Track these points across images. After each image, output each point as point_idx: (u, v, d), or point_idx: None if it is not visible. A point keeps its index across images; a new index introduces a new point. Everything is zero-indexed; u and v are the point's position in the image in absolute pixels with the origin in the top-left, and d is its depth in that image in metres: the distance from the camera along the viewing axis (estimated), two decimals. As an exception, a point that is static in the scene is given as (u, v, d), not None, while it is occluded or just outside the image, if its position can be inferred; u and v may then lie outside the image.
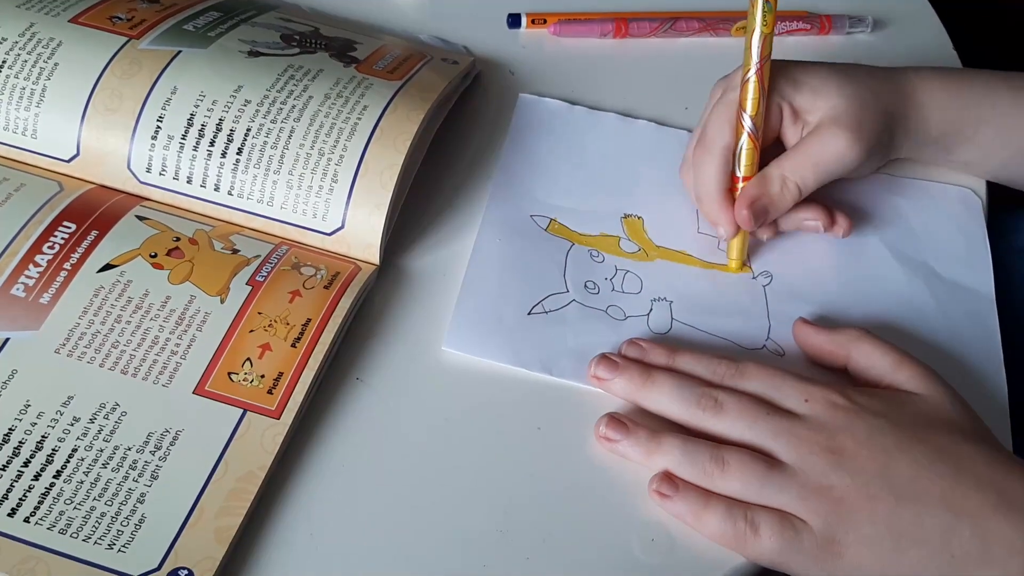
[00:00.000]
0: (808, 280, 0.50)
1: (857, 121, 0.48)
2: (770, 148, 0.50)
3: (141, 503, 0.38)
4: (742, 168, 0.48)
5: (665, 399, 0.42)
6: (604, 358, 0.44)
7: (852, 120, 0.48)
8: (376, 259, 0.47)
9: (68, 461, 0.39)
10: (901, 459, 0.39)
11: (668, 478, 0.40)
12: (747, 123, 0.48)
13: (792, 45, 0.62)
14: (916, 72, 0.51)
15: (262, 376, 0.42)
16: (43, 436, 0.40)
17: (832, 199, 0.52)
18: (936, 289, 0.50)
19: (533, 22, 0.61)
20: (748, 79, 0.47)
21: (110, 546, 0.37)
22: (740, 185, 0.49)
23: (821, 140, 0.48)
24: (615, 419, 0.42)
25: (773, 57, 0.48)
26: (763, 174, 0.48)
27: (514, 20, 0.61)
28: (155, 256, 0.45)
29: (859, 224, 0.52)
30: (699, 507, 0.40)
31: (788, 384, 0.42)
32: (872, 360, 0.44)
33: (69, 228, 0.45)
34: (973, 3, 0.85)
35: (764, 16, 0.47)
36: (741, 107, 0.48)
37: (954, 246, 0.52)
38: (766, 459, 0.40)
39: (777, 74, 0.49)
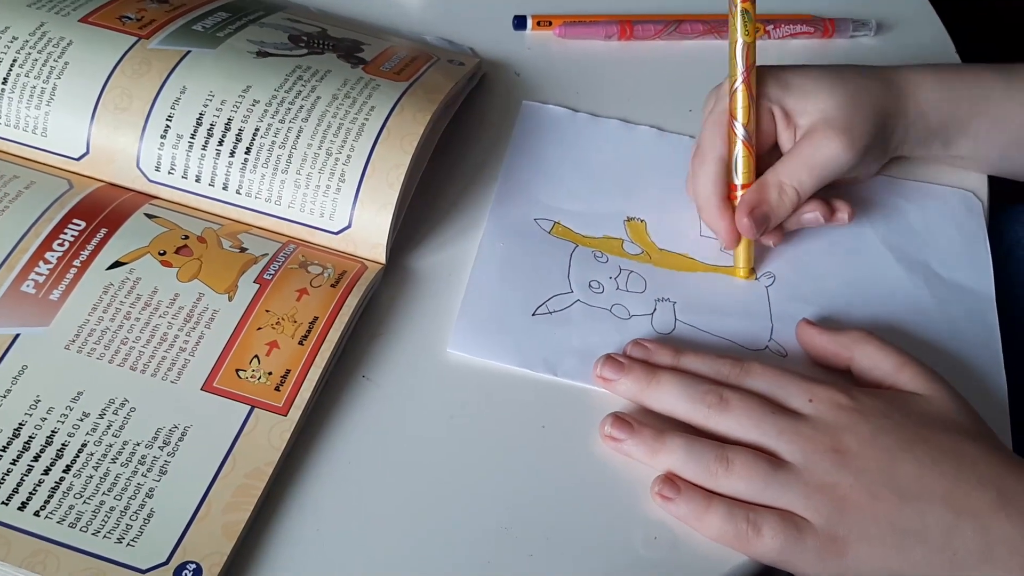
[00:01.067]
0: (810, 281, 0.50)
1: (849, 122, 0.48)
2: (766, 155, 0.50)
3: (150, 498, 0.39)
4: (740, 176, 0.49)
5: (670, 398, 0.43)
6: (609, 358, 0.45)
7: (844, 121, 0.48)
8: (382, 258, 0.47)
9: (78, 456, 0.39)
10: (904, 459, 0.40)
11: (670, 480, 0.41)
12: (739, 131, 0.48)
13: (796, 48, 0.63)
14: (909, 69, 0.51)
15: (270, 373, 0.42)
16: (53, 431, 0.40)
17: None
18: (937, 290, 0.50)
19: (538, 24, 0.62)
20: (736, 88, 0.48)
21: (119, 540, 0.37)
22: (739, 193, 0.49)
23: (814, 144, 0.48)
24: (620, 418, 0.43)
25: (768, 62, 0.48)
26: (761, 181, 0.49)
27: (519, 22, 0.62)
28: (164, 254, 0.45)
29: (861, 225, 0.53)
30: (701, 509, 0.40)
31: (792, 384, 0.42)
32: (875, 361, 0.44)
33: (79, 226, 0.46)
34: (974, 5, 0.85)
35: (745, 26, 0.47)
36: (732, 116, 0.48)
37: (955, 247, 0.52)
38: (770, 459, 0.40)
39: (767, 79, 0.49)
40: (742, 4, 0.47)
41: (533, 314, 0.47)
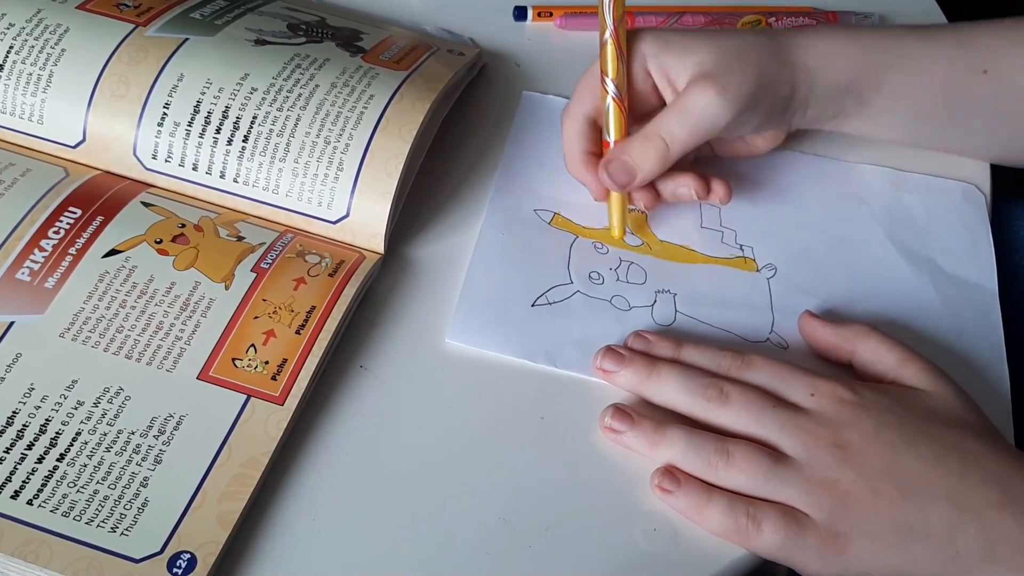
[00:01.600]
0: (812, 274, 0.50)
1: (727, 72, 0.46)
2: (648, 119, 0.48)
3: (144, 487, 0.38)
4: (611, 133, 0.48)
5: (670, 390, 0.42)
6: (609, 350, 0.44)
7: (721, 71, 0.46)
8: (381, 248, 0.47)
9: (72, 444, 0.39)
10: (907, 455, 0.39)
11: (669, 473, 0.40)
12: (610, 88, 0.47)
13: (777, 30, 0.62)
14: (815, 29, 0.50)
15: (266, 362, 0.42)
16: (47, 419, 0.40)
17: (832, 190, 0.52)
18: (940, 283, 0.50)
19: (539, 15, 0.61)
20: (605, 42, 0.47)
21: (113, 529, 0.37)
22: (610, 149, 0.48)
23: (688, 94, 0.46)
24: (620, 410, 0.42)
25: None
26: (629, 136, 0.48)
27: (520, 12, 0.61)
28: (160, 242, 0.45)
29: (864, 218, 0.52)
30: (701, 503, 0.40)
31: (794, 377, 0.42)
32: (878, 355, 0.44)
33: (75, 213, 0.45)
34: None
35: None
36: (602, 72, 0.47)
37: (957, 241, 0.52)
38: (771, 452, 0.40)
39: (646, 37, 0.48)
40: None
41: (533, 305, 0.47)
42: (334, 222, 0.47)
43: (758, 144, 0.52)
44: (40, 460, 0.38)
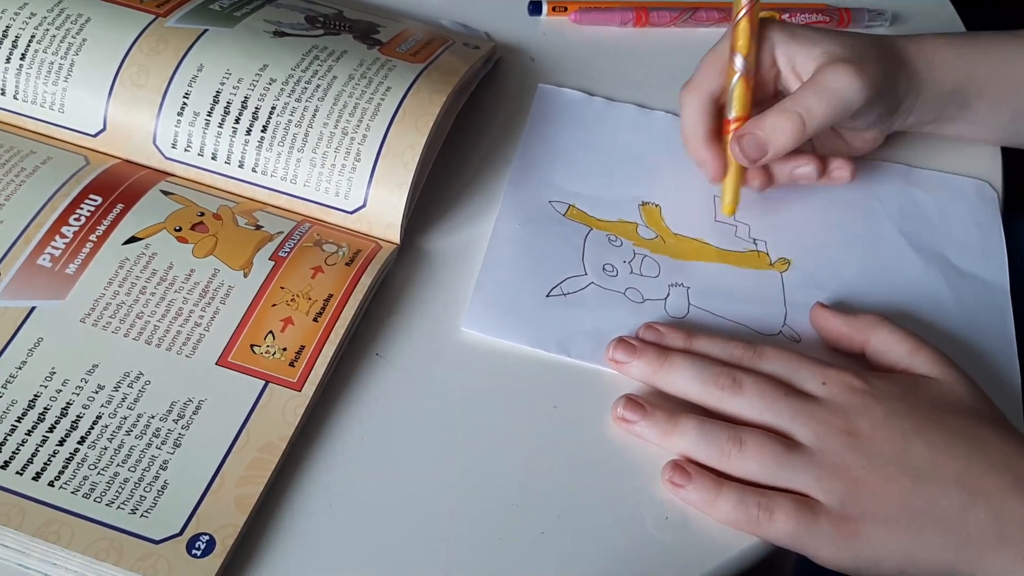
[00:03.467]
0: (825, 268, 0.50)
1: (860, 58, 0.46)
2: (765, 106, 0.49)
3: (164, 470, 0.39)
4: (733, 109, 0.48)
5: (682, 380, 0.43)
6: (621, 341, 0.45)
7: (854, 57, 0.46)
8: (397, 238, 0.47)
9: (92, 427, 0.40)
10: (918, 441, 0.40)
11: (680, 468, 0.41)
12: (739, 63, 0.47)
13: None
14: (920, 36, 0.51)
15: (284, 349, 0.42)
16: (68, 403, 0.40)
17: (844, 185, 0.53)
18: (952, 279, 0.50)
19: (554, 9, 0.62)
20: (739, 17, 0.47)
21: (133, 511, 0.38)
22: (732, 128, 0.48)
23: (824, 74, 0.46)
24: (632, 400, 0.43)
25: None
26: (763, 113, 0.47)
27: (535, 7, 0.62)
28: (179, 230, 0.46)
29: (876, 214, 0.53)
30: (712, 495, 0.40)
31: (806, 366, 0.42)
32: (889, 345, 0.44)
33: (95, 201, 0.46)
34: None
35: None
36: (733, 48, 0.47)
37: (970, 237, 0.52)
38: (783, 440, 0.40)
39: (774, 26, 0.48)
40: None
41: (547, 295, 0.47)
42: (351, 212, 0.47)
43: (858, 146, 0.53)
44: (61, 442, 0.39)
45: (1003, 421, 0.42)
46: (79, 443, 0.39)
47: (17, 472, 0.38)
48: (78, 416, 0.40)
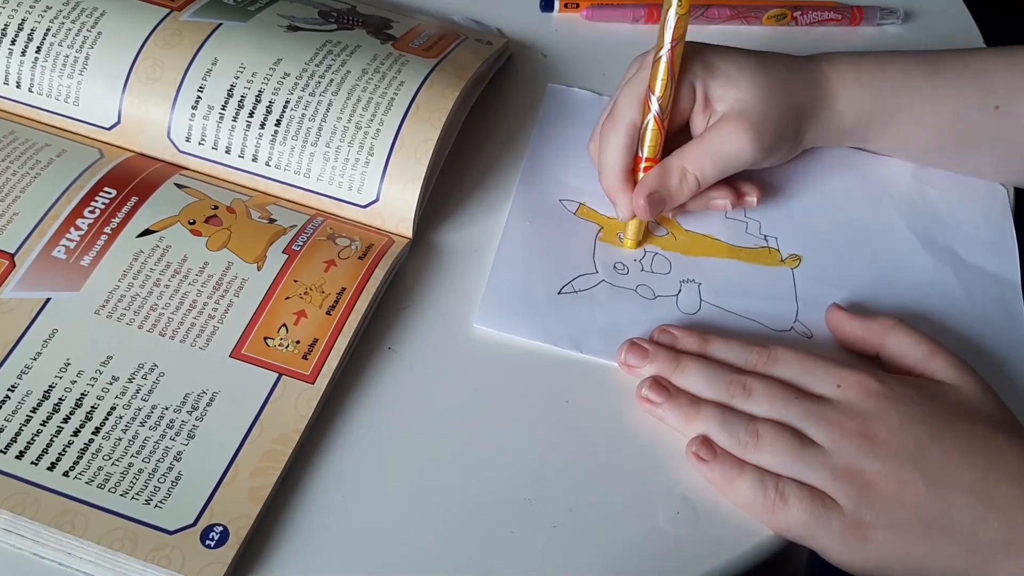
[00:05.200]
0: (836, 264, 0.50)
1: (762, 118, 0.47)
2: (678, 132, 0.50)
3: (178, 461, 0.39)
4: (645, 149, 0.48)
5: (694, 386, 0.43)
6: (633, 345, 0.44)
7: (757, 116, 0.47)
8: (409, 232, 0.48)
9: (107, 419, 0.40)
10: (933, 447, 0.39)
11: (707, 443, 0.41)
12: (654, 105, 0.47)
13: (822, 36, 0.62)
14: (830, 63, 0.50)
15: (297, 342, 0.43)
16: (83, 394, 0.40)
17: (854, 181, 0.53)
18: (962, 275, 0.50)
19: (566, 6, 0.62)
20: (659, 59, 0.46)
21: (147, 501, 0.38)
22: (643, 165, 0.48)
23: (723, 135, 0.47)
24: (657, 383, 0.43)
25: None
26: (664, 165, 0.48)
27: (547, 4, 0.62)
28: (193, 223, 0.46)
29: (887, 210, 0.53)
30: (733, 474, 0.40)
31: (821, 369, 0.42)
32: (905, 349, 0.44)
33: (109, 194, 0.46)
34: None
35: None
36: (649, 88, 0.47)
37: (980, 233, 0.52)
38: (799, 436, 0.40)
39: (694, 57, 0.48)
40: None
41: (559, 292, 0.47)
42: (364, 206, 0.47)
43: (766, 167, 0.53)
44: (76, 433, 0.39)
45: (1019, 429, 0.41)
46: (94, 434, 0.39)
47: (32, 462, 0.38)
48: (92, 407, 0.40)
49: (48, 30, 0.49)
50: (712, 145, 0.48)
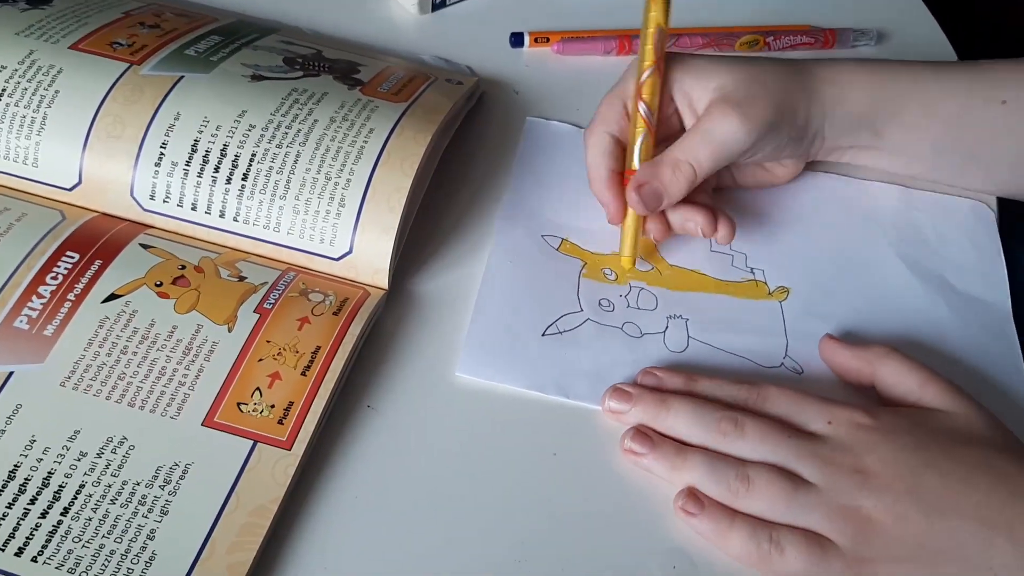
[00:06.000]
0: (824, 295, 0.49)
1: (748, 96, 0.46)
2: (672, 142, 0.48)
3: (151, 539, 0.37)
4: (638, 156, 0.47)
5: (683, 425, 0.41)
6: (616, 390, 0.43)
7: (742, 96, 0.46)
8: (385, 283, 0.46)
9: (75, 497, 0.38)
10: (929, 476, 0.38)
11: (693, 496, 0.40)
12: (643, 111, 0.47)
13: (796, 59, 0.62)
14: (833, 60, 0.50)
15: (272, 406, 0.41)
16: (50, 472, 0.39)
17: (840, 209, 0.52)
18: (951, 301, 0.49)
19: (536, 40, 0.61)
20: (649, 71, 0.47)
21: (120, 585, 0.36)
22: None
23: (711, 119, 0.46)
24: (641, 432, 0.42)
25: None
26: (655, 159, 0.47)
27: (517, 39, 0.61)
28: (160, 285, 0.44)
29: (874, 237, 0.52)
30: (724, 526, 0.39)
31: (811, 406, 0.41)
32: (899, 377, 0.43)
33: (72, 258, 0.45)
34: (974, 12, 0.85)
35: (665, 11, 0.47)
36: (638, 97, 0.47)
37: (967, 258, 0.51)
38: (792, 478, 0.39)
39: (670, 61, 0.48)
40: None
41: (543, 334, 0.46)
42: (337, 259, 0.46)
43: (779, 174, 0.52)
44: (44, 515, 0.37)
45: (1020, 449, 0.40)
46: (62, 514, 0.38)
47: (-2, 548, 0.36)
48: (60, 486, 0.38)
49: (3, 90, 0.48)
50: (701, 132, 0.46)
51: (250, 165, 0.46)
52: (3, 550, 0.36)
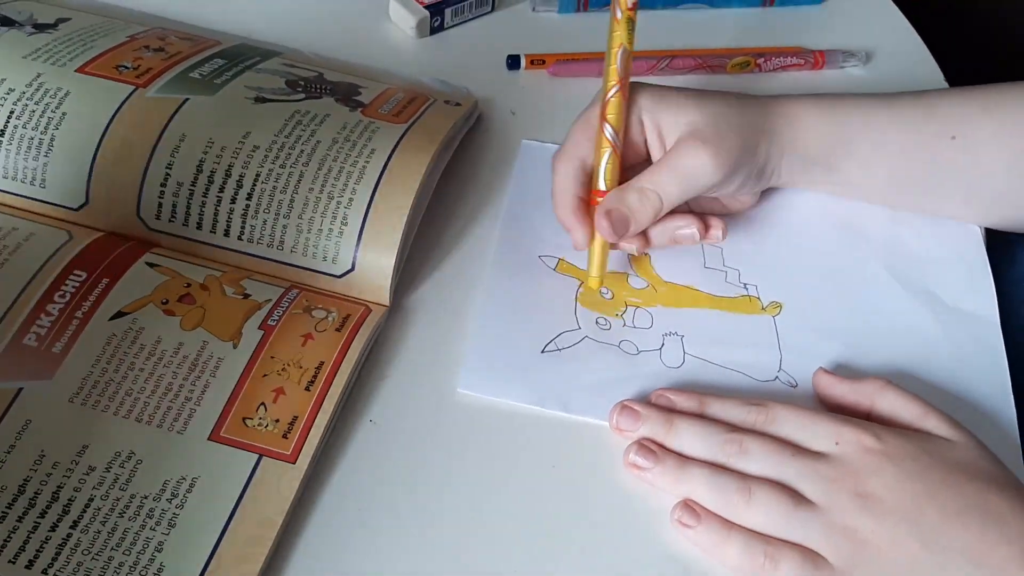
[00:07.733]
0: (816, 310, 0.50)
1: (716, 134, 0.47)
2: (635, 170, 0.49)
3: (159, 552, 0.38)
4: (603, 182, 0.48)
5: (687, 445, 0.42)
6: (625, 408, 0.44)
7: (711, 133, 0.47)
8: (387, 300, 0.47)
9: (84, 511, 0.39)
10: (929, 506, 0.39)
11: (689, 508, 0.41)
12: (609, 135, 0.47)
13: (786, 81, 0.63)
14: (788, 96, 0.51)
15: (277, 420, 0.42)
16: (59, 486, 0.39)
17: (830, 225, 0.53)
18: (942, 316, 0.50)
19: (532, 63, 0.62)
20: (613, 93, 0.47)
21: (129, 597, 0.37)
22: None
23: (680, 152, 0.47)
24: (644, 446, 0.42)
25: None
26: (623, 186, 0.48)
27: (513, 61, 0.62)
28: (166, 303, 0.45)
29: (864, 254, 0.53)
30: (720, 538, 0.40)
31: (820, 426, 0.42)
32: (896, 410, 0.43)
33: (80, 276, 0.45)
34: (962, 33, 0.86)
35: (629, 33, 0.48)
36: (603, 120, 0.47)
37: (955, 273, 0.52)
38: (793, 494, 0.40)
39: (642, 91, 0.49)
40: (627, 12, 0.47)
41: (542, 351, 0.47)
42: (339, 276, 0.47)
43: (734, 206, 0.53)
44: (53, 528, 0.38)
45: (1015, 486, 0.40)
46: (71, 528, 0.38)
47: (10, 560, 0.37)
48: (70, 500, 0.39)
49: (12, 112, 0.49)
50: (670, 162, 0.47)
51: (254, 185, 0.47)
52: (14, 563, 0.37)
